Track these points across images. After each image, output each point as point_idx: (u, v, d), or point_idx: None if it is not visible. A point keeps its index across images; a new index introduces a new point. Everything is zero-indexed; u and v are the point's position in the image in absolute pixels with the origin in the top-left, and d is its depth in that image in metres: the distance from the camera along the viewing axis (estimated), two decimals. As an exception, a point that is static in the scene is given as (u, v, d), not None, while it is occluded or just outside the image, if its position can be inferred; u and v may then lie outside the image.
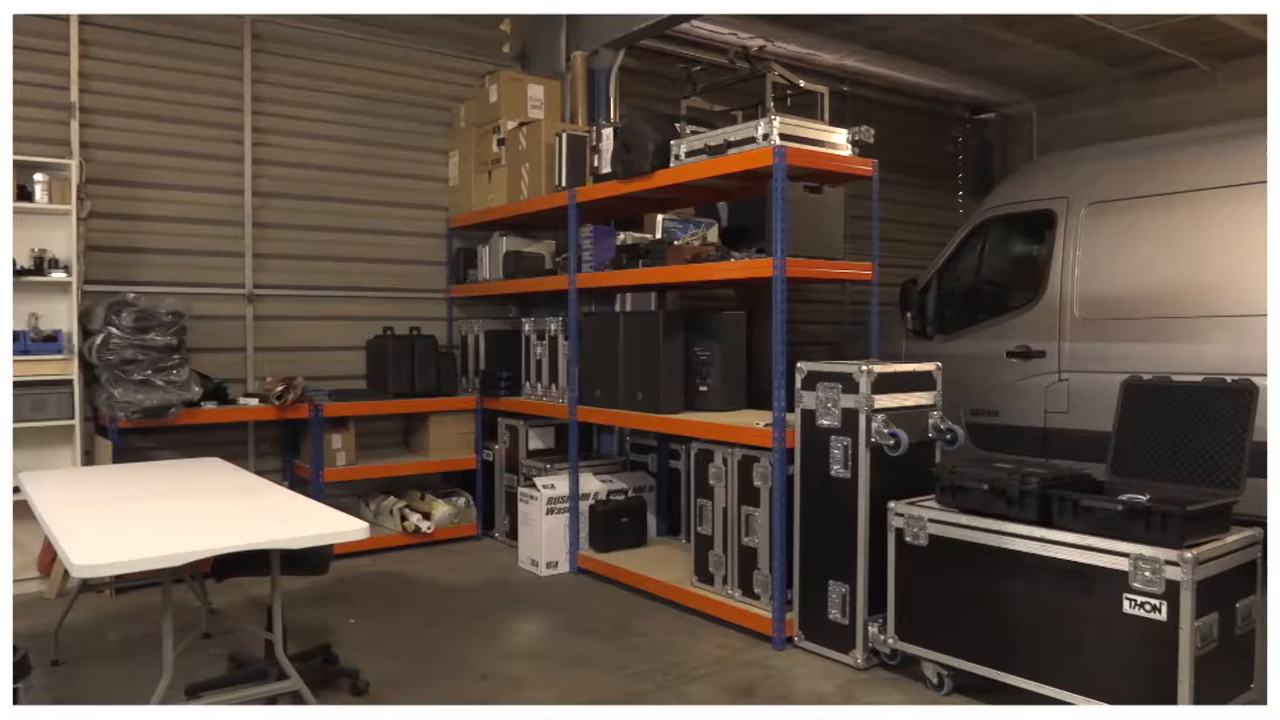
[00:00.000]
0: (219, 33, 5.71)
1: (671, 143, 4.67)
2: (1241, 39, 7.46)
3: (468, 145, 6.41)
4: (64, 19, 5.18)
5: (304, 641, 4.08)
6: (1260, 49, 7.70)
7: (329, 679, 3.63)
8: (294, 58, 5.99)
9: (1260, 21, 7.07)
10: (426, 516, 5.88)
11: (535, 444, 5.96)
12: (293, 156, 6.02)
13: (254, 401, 5.46)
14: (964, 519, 3.43)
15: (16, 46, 4.98)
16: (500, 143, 6.08)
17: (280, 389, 5.40)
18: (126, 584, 4.91)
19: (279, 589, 3.10)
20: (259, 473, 5.01)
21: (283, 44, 5.95)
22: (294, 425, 5.89)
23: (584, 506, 5.38)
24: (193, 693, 3.33)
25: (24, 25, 5.04)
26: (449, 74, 6.62)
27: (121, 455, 4.90)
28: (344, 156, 6.22)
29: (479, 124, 6.30)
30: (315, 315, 6.15)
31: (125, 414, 4.87)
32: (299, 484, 5.72)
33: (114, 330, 4.89)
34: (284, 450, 5.99)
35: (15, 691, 2.46)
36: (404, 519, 5.83)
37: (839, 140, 4.40)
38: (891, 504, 3.68)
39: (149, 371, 4.95)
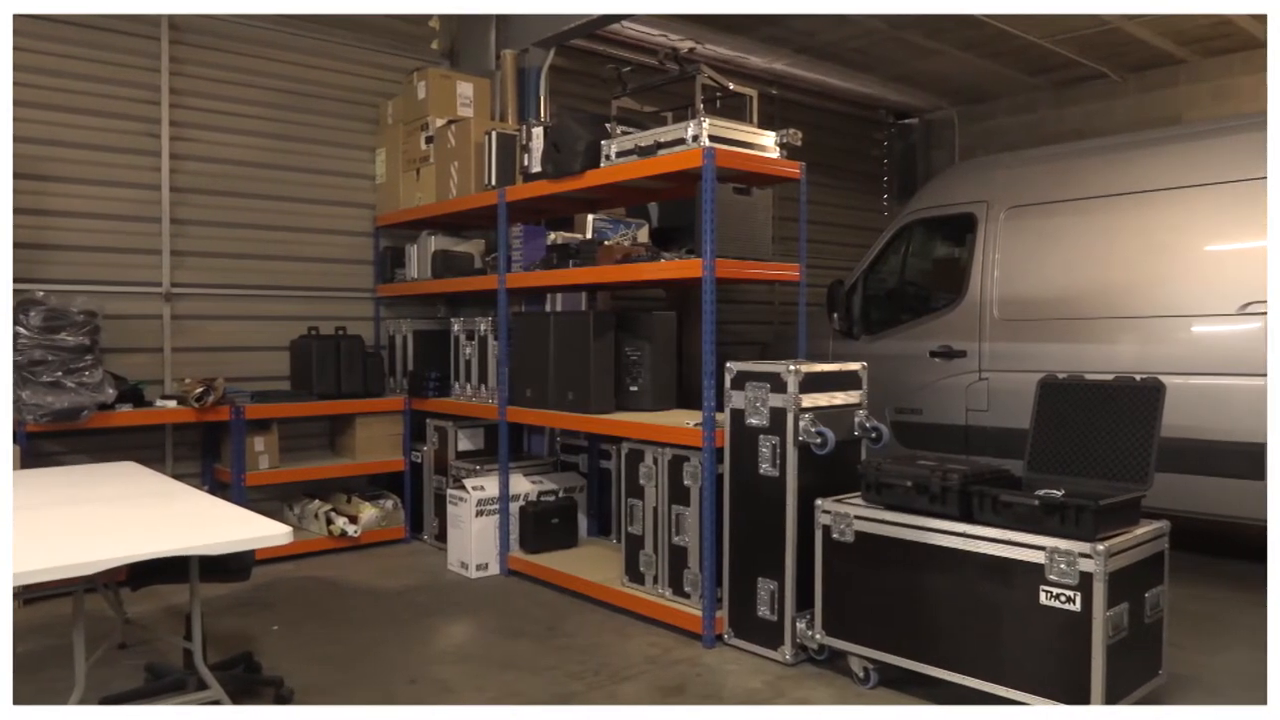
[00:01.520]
0: (134, 23, 5.53)
1: (602, 143, 4.68)
2: (1150, 51, 7.77)
3: (395, 142, 6.32)
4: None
5: (225, 650, 3.97)
6: (1167, 61, 8.03)
7: (251, 688, 3.55)
8: (214, 50, 5.83)
9: (1168, 33, 7.37)
10: (353, 520, 5.78)
11: (465, 445, 5.90)
12: (213, 151, 5.86)
13: (172, 404, 5.30)
14: (888, 515, 3.50)
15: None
16: (429, 140, 6.01)
17: (200, 391, 5.25)
18: (35, 594, 4.72)
19: (198, 597, 3.01)
20: (177, 477, 4.87)
21: (202, 35, 5.79)
22: (214, 428, 5.73)
23: (514, 508, 5.35)
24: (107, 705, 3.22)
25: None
26: (376, 70, 6.52)
27: (30, 460, 4.71)
28: (267, 152, 6.07)
29: (407, 121, 6.22)
30: (237, 315, 5.99)
31: (34, 417, 4.69)
32: (219, 488, 5.57)
33: (21, 330, 4.71)
34: (204, 454, 5.83)
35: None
36: (330, 522, 5.72)
37: (767, 143, 4.45)
38: (819, 501, 3.74)
39: (59, 373, 4.77)
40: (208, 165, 5.84)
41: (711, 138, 4.16)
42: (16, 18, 5.10)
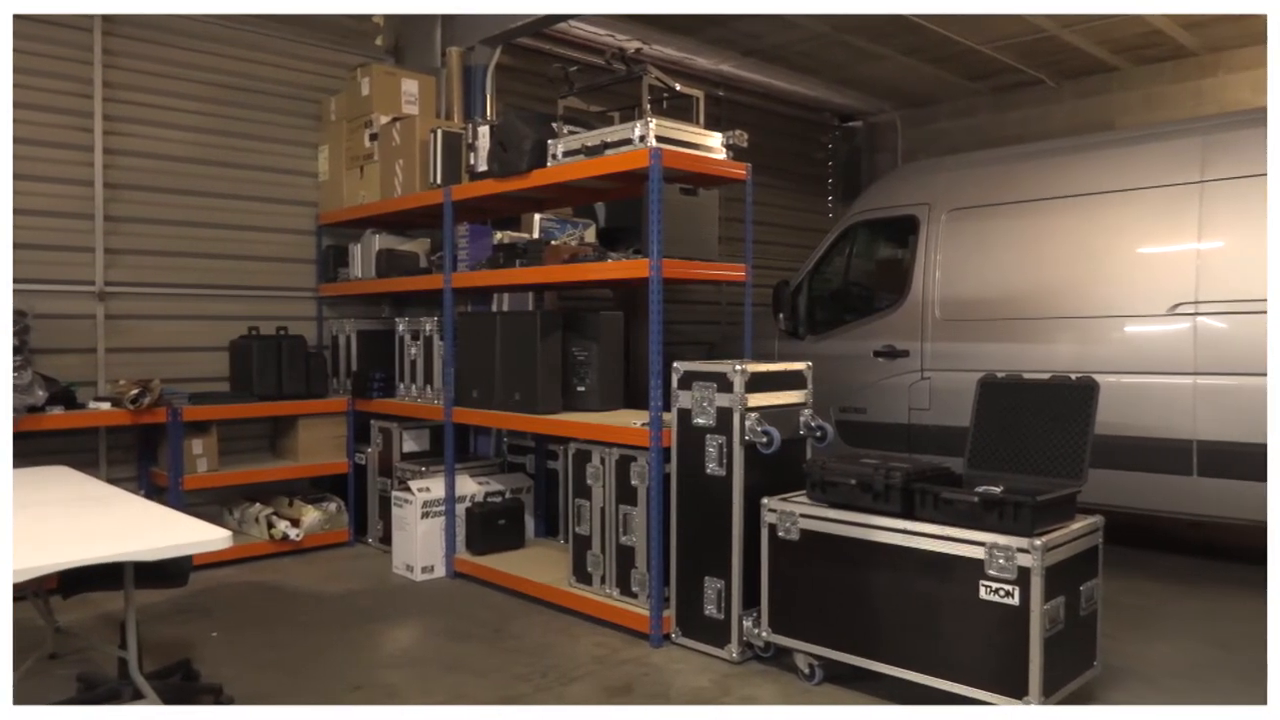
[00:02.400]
0: (65, 14, 5.37)
1: (549, 142, 4.66)
2: (1085, 58, 7.97)
3: (338, 139, 6.22)
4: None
5: (162, 658, 3.88)
6: (1101, 68, 8.25)
7: (189, 696, 3.46)
8: (151, 43, 5.69)
9: (1103, 41, 7.57)
10: (295, 523, 5.68)
11: (410, 446, 5.84)
12: (150, 147, 5.71)
13: (106, 406, 5.16)
14: (833, 513, 3.54)
15: None
16: (373, 138, 5.93)
17: (135, 392, 5.12)
18: (-39, 603, 4.56)
19: (133, 604, 2.94)
20: (111, 482, 4.75)
21: (138, 28, 5.64)
22: (150, 430, 5.59)
23: (460, 509, 5.31)
24: (37, 717, 3.12)
25: None
26: (319, 65, 6.42)
27: (-45, 465, 4.55)
28: (206, 148, 5.94)
29: (350, 118, 6.13)
30: (174, 314, 5.85)
31: (-41, 420, 4.53)
32: (156, 492, 5.43)
33: (-55, 330, 4.54)
34: (140, 457, 5.68)
35: None
36: (271, 526, 5.62)
37: (714, 144, 4.48)
38: (765, 500, 3.77)
39: (-14, 374, 4.61)
40: (144, 161, 5.69)
41: (658, 138, 4.17)
42: None
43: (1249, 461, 4.84)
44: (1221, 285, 4.94)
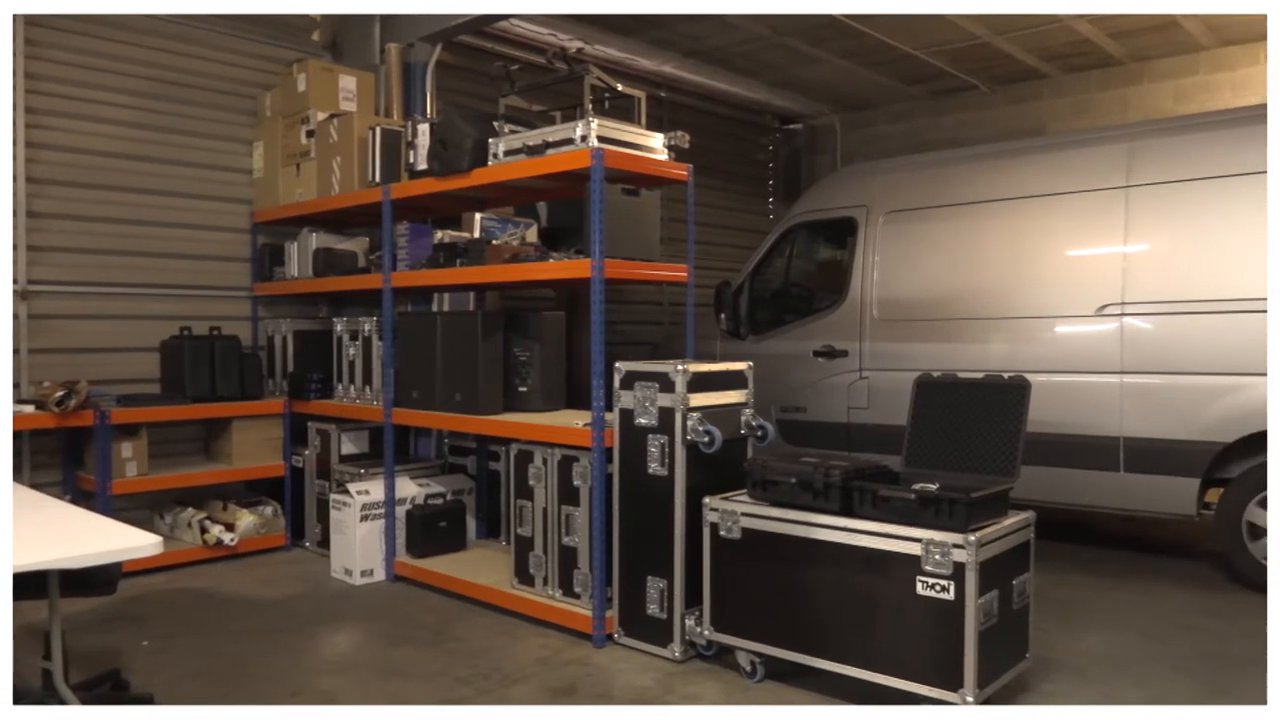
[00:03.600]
0: (-15, 2, 5.18)
1: (490, 141, 4.63)
2: (1017, 66, 8.17)
3: (274, 136, 6.10)
4: None
5: (90, 668, 3.76)
6: (1032, 75, 8.46)
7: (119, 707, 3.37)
8: (77, 34, 5.51)
9: (1033, 49, 7.76)
10: (229, 528, 5.56)
11: (348, 448, 5.75)
12: (76, 141, 5.54)
13: (30, 408, 4.98)
14: (774, 512, 3.58)
15: None
16: (310, 134, 5.83)
17: (60, 394, 4.96)
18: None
19: (58, 613, 2.84)
20: (35, 487, 4.59)
21: (63, 18, 5.46)
22: (77, 434, 5.42)
23: (400, 511, 5.24)
24: (-45, 732, 3.00)
25: None
26: (253, 60, 6.28)
27: None
28: (136, 143, 5.78)
29: (286, 114, 6.02)
30: (102, 314, 5.68)
31: None
32: (83, 498, 5.27)
33: None
34: (65, 461, 5.50)
35: None
36: (204, 531, 5.49)
37: (656, 144, 4.49)
38: (706, 499, 3.79)
39: (-100, 376, 4.43)
40: (70, 156, 5.51)
41: (600, 138, 4.17)
42: None
43: (1173, 458, 5.01)
44: (1146, 287, 5.10)
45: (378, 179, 5.30)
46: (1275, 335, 4.36)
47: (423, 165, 4.98)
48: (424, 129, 4.99)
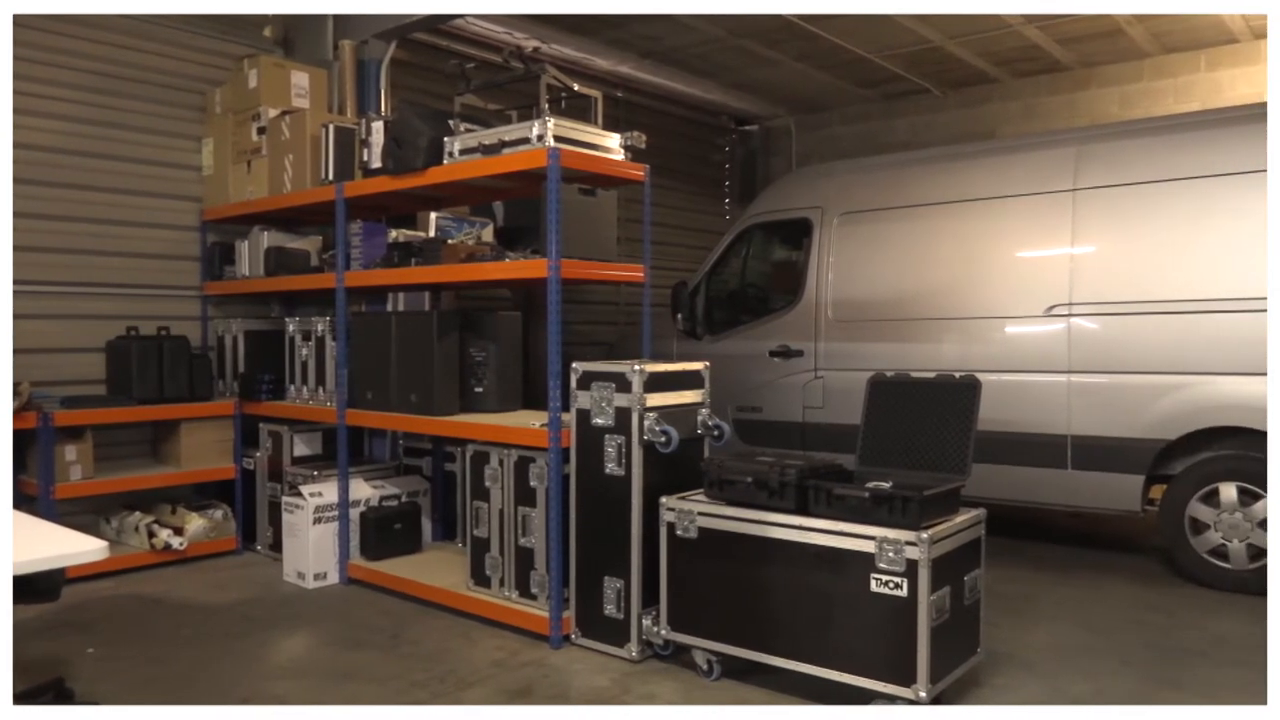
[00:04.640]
0: (-79, -8, 5.02)
1: (445, 140, 4.59)
2: (969, 70, 8.30)
3: (224, 132, 6.00)
4: None
5: (32, 677, 3.66)
6: (983, 79, 8.60)
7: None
8: (20, 26, 5.36)
9: (984, 54, 7.89)
10: (178, 532, 5.45)
11: (301, 450, 5.67)
12: (18, 136, 5.38)
13: (-32, 410, 4.85)
14: (730, 511, 3.59)
15: None
16: (261, 131, 5.74)
17: (1, 396, 4.83)
18: None
19: (-1, 620, 2.76)
20: (-26, 491, 4.46)
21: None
22: (19, 436, 5.27)
23: (355, 514, 5.18)
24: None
25: None
26: (203, 55, 6.17)
27: None
28: (80, 139, 5.64)
29: (237, 110, 5.92)
30: (44, 314, 5.54)
31: None
32: (25, 502, 5.13)
33: None
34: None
35: None
36: (152, 535, 5.38)
37: (612, 144, 4.49)
38: (663, 499, 3.80)
39: None
40: (13, 151, 5.37)
41: (556, 138, 4.16)
42: None
43: (1118, 455, 5.12)
44: (1093, 288, 5.21)
45: (331, 177, 5.24)
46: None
47: (377, 163, 4.93)
48: (378, 127, 4.94)
